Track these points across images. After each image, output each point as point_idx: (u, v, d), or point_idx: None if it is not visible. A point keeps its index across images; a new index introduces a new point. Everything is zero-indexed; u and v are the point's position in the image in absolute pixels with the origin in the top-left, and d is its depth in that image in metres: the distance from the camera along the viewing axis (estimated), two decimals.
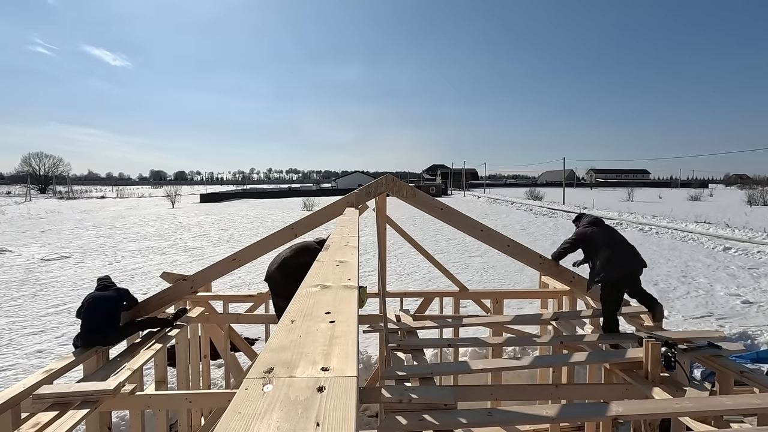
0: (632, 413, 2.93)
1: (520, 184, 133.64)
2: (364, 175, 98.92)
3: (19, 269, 14.41)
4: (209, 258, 15.10)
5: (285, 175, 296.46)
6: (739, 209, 38.56)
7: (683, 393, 3.29)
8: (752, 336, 7.75)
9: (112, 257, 16.51)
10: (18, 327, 8.85)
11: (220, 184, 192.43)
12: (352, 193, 5.28)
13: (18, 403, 3.17)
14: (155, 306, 5.03)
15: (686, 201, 52.54)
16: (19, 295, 11.32)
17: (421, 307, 5.91)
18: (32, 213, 36.92)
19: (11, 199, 57.90)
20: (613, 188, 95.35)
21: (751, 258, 16.20)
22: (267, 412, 0.68)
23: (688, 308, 10.15)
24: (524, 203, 48.53)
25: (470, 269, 14.11)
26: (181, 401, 4.08)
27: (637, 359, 3.71)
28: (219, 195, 62.46)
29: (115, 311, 4.39)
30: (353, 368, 0.83)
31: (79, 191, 79.81)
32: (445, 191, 77.37)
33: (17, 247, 18.57)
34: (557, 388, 4.01)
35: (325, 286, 1.45)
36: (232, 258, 5.20)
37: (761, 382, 3.39)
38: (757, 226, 24.27)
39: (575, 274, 5.39)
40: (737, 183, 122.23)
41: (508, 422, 3.06)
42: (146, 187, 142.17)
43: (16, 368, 6.99)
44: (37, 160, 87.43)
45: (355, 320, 1.12)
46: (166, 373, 4.88)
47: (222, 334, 5.79)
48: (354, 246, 2.25)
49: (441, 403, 2.83)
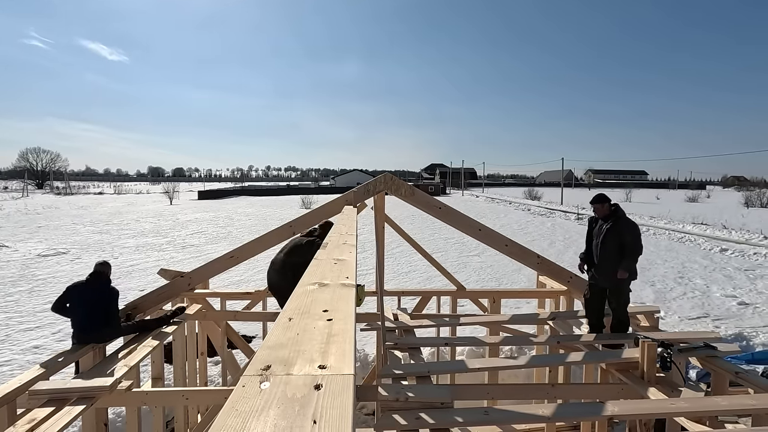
0: (628, 413, 2.95)
1: (519, 183, 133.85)
2: (362, 173, 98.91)
3: (16, 265, 14.36)
4: (207, 255, 15.08)
5: (284, 173, 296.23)
6: (736, 211, 38.69)
7: (679, 393, 3.30)
8: (748, 337, 7.79)
9: (109, 253, 16.46)
10: (14, 323, 8.83)
11: (218, 181, 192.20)
12: (350, 191, 5.28)
13: (14, 398, 3.16)
14: (153, 303, 5.02)
15: (684, 202, 52.68)
16: (16, 290, 11.29)
17: (419, 305, 5.92)
18: (29, 208, 36.79)
19: (8, 195, 57.72)
20: (611, 189, 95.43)
21: (747, 259, 16.27)
22: (264, 410, 0.68)
23: (684, 309, 10.19)
24: (522, 203, 48.61)
25: (468, 268, 14.13)
26: (177, 398, 4.09)
27: (633, 359, 3.72)
28: (217, 192, 62.37)
29: (111, 307, 4.29)
30: (350, 366, 0.83)
31: (76, 187, 79.56)
32: (443, 190, 77.42)
33: (14, 243, 18.50)
34: (554, 388, 4.02)
35: (322, 284, 1.45)
36: (230, 255, 5.20)
37: (756, 383, 3.41)
38: (753, 228, 24.35)
39: (572, 274, 5.40)
40: (734, 185, 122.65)
41: (505, 421, 3.07)
42: (144, 183, 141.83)
43: (12, 364, 6.97)
44: (35, 156, 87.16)
45: (352, 318, 1.12)
46: (162, 369, 4.88)
47: (219, 331, 5.79)
48: (352, 244, 2.25)
49: (438, 402, 2.84)
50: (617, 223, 4.45)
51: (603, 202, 4.53)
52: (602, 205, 4.53)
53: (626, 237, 4.38)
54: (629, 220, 4.54)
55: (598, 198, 4.57)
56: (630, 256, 4.35)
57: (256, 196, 60.41)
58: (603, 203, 4.53)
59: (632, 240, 4.38)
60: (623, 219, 4.49)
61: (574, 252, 16.56)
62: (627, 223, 4.48)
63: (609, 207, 4.52)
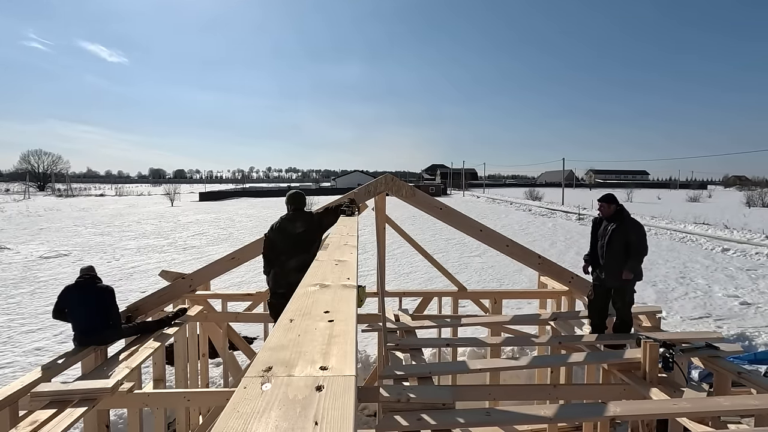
0: (630, 414, 2.94)
1: (520, 184, 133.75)
2: (363, 174, 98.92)
3: (18, 267, 14.39)
4: (208, 256, 15.09)
5: (284, 174, 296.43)
6: (737, 210, 38.61)
7: (681, 394, 3.29)
8: (750, 337, 7.76)
9: (110, 255, 16.49)
10: (16, 325, 8.84)
11: (219, 183, 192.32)
12: (351, 192, 5.28)
13: (16, 400, 3.16)
14: (154, 304, 5.03)
15: (685, 202, 52.61)
16: (18, 292, 11.30)
17: (420, 306, 5.92)
18: (31, 210, 36.87)
19: (10, 197, 57.84)
20: (612, 189, 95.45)
21: (749, 259, 16.23)
22: (265, 411, 0.68)
23: (686, 309, 10.16)
24: (523, 203, 48.57)
25: (469, 269, 14.12)
26: (179, 400, 4.09)
27: (635, 360, 3.71)
28: (218, 193, 62.46)
29: (111, 308, 4.24)
30: (352, 367, 0.83)
31: (78, 189, 79.78)
32: (444, 191, 77.44)
33: (16, 245, 18.54)
34: (555, 389, 4.02)
35: (323, 285, 1.45)
36: (231, 257, 5.20)
37: (759, 383, 3.40)
38: (755, 228, 24.30)
39: (574, 275, 5.40)
40: (736, 184, 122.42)
41: (506, 422, 3.06)
42: (145, 185, 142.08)
43: (14, 366, 6.98)
44: (36, 158, 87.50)
45: (353, 319, 1.12)
46: (164, 371, 4.88)
47: (220, 332, 5.79)
48: (353, 245, 2.25)
49: (439, 403, 2.84)
50: (622, 223, 4.47)
51: (610, 203, 4.56)
52: (609, 205, 4.55)
53: (631, 236, 4.40)
54: (634, 220, 4.55)
55: (607, 197, 4.62)
56: (635, 256, 4.37)
57: (257, 198, 60.49)
58: (610, 203, 4.56)
59: (637, 240, 4.39)
60: (628, 219, 4.51)
61: (575, 252, 16.54)
62: (632, 223, 4.50)
63: (615, 208, 4.55)
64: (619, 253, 4.40)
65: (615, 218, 4.52)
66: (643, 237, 4.43)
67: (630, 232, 4.41)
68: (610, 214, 4.54)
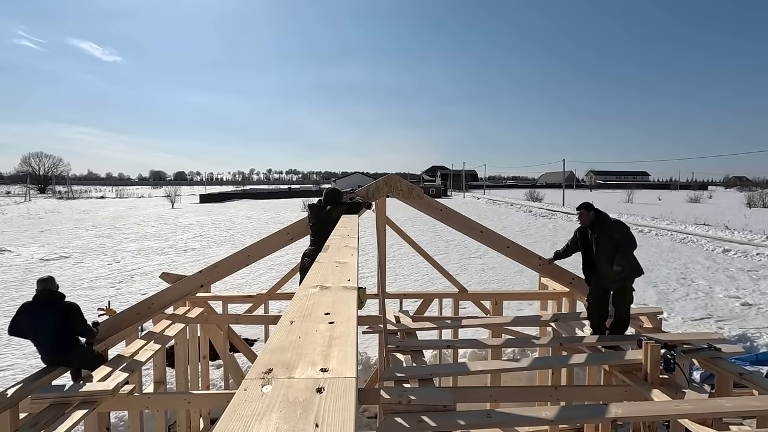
0: (631, 415, 2.94)
1: (520, 185, 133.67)
2: (363, 176, 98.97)
3: (18, 269, 14.39)
4: (209, 258, 15.09)
5: (285, 176, 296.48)
6: (738, 211, 38.58)
7: (682, 395, 3.29)
8: (751, 338, 7.75)
9: (111, 257, 16.49)
10: None
11: (219, 185, 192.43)
12: (360, 189, 5.29)
13: (17, 403, 3.16)
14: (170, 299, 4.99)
15: (686, 203, 52.56)
16: (18, 294, 11.30)
17: (421, 308, 5.91)
18: (31, 213, 36.89)
19: (11, 199, 57.86)
20: (612, 190, 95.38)
21: (750, 260, 16.21)
22: (266, 413, 0.68)
23: (687, 310, 10.15)
24: (524, 205, 48.56)
25: (470, 270, 14.11)
26: (179, 402, 4.09)
27: (637, 361, 3.71)
28: (219, 195, 62.45)
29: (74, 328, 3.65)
30: (352, 369, 0.83)
31: (78, 191, 79.78)
32: (444, 192, 77.40)
33: (16, 247, 18.55)
34: (556, 390, 4.02)
35: (324, 287, 1.45)
36: (247, 254, 5.18)
37: (760, 385, 3.40)
38: (756, 228, 24.27)
39: (574, 276, 5.39)
40: (737, 185, 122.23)
41: (507, 424, 3.05)
42: (146, 187, 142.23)
43: (15, 368, 6.98)
44: (37, 160, 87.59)
45: (354, 321, 1.12)
46: (165, 373, 4.87)
47: (221, 334, 5.79)
48: (353, 247, 2.25)
49: (440, 405, 2.83)
50: (603, 227, 4.56)
51: (588, 209, 4.66)
52: (587, 212, 4.65)
53: (615, 236, 4.48)
54: (613, 220, 4.66)
55: (583, 205, 4.72)
56: (623, 252, 4.44)
57: (257, 200, 60.48)
58: (588, 210, 4.65)
59: (622, 237, 4.48)
60: (607, 221, 4.61)
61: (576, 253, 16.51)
62: (612, 223, 4.60)
63: (593, 214, 4.64)
64: (611, 255, 4.47)
65: (595, 225, 4.60)
66: (626, 232, 4.53)
67: (614, 233, 4.50)
68: (590, 221, 4.63)
